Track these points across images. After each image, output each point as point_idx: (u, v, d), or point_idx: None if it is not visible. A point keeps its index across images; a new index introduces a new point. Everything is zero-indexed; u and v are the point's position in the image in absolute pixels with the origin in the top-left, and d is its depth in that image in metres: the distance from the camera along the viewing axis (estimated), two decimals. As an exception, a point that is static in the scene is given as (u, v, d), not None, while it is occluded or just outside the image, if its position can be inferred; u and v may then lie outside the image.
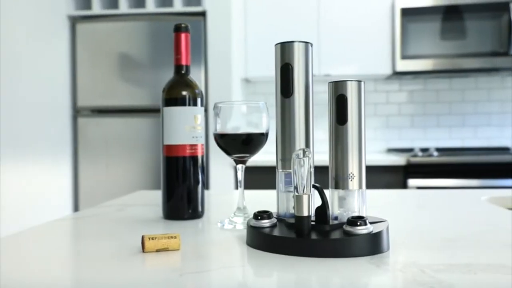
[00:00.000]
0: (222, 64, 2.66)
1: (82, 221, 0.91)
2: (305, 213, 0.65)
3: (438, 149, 2.97)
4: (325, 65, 2.92)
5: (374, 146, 3.22)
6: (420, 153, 2.74)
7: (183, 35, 0.94)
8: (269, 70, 3.10)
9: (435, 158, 2.67)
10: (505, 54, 2.78)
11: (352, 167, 0.69)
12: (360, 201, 0.70)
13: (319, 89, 3.29)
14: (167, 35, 2.66)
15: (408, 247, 0.67)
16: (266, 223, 0.69)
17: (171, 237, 0.67)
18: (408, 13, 2.82)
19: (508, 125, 3.18)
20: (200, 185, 0.93)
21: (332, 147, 0.71)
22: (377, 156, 2.88)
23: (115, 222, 0.90)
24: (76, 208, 2.75)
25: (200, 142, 0.93)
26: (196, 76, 2.65)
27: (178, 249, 0.67)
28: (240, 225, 0.83)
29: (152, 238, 0.66)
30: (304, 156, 0.65)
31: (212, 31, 2.66)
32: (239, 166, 0.86)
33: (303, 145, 0.73)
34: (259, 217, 0.70)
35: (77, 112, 2.75)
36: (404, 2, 2.82)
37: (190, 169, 0.92)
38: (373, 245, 0.63)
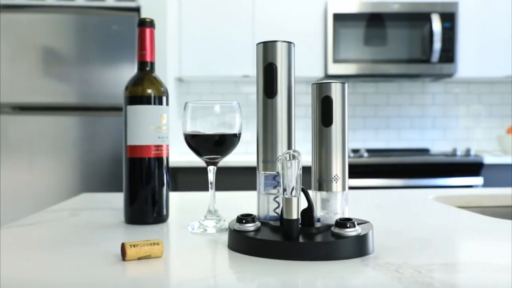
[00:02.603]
0: (156, 62, 2.58)
1: (36, 228, 0.84)
2: (294, 216, 0.64)
3: (366, 150, 3.09)
4: (259, 66, 2.94)
5: (307, 147, 3.28)
6: (352, 154, 2.84)
7: (148, 30, 0.90)
8: (203, 69, 3.07)
9: (366, 159, 2.77)
10: (427, 61, 2.95)
11: (336, 169, 0.69)
12: (343, 203, 0.70)
13: (254, 89, 3.30)
14: (97, 30, 2.54)
15: (389, 248, 0.68)
16: (250, 226, 0.67)
17: (154, 243, 0.63)
18: (339, 19, 2.91)
19: (428, 128, 3.38)
20: (165, 188, 0.89)
21: (316, 149, 0.70)
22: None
23: (75, 228, 0.84)
24: (-6, 212, 2.54)
25: (166, 142, 0.89)
26: (129, 74, 2.56)
27: (160, 257, 0.63)
28: (212, 228, 0.81)
29: (134, 245, 0.62)
30: (293, 158, 0.64)
31: (146, 28, 2.57)
32: (211, 167, 0.83)
33: (285, 147, 0.72)
34: (244, 221, 0.68)
35: (-4, 109, 2.55)
36: (336, 7, 2.91)
37: (155, 171, 0.88)
38: (362, 247, 0.64)
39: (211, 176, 0.84)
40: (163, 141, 0.88)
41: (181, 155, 2.68)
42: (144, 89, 0.87)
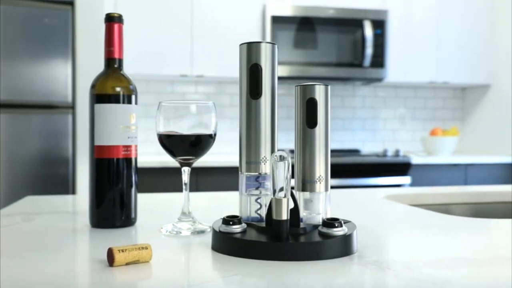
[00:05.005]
0: (91, 58, 2.48)
1: (-7, 234, 0.78)
2: (284, 217, 0.64)
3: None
4: (197, 66, 2.91)
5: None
6: (291, 155, 2.88)
7: (116, 26, 0.86)
8: (139, 67, 2.99)
9: (303, 159, 2.83)
10: (359, 66, 3.07)
11: (320, 170, 0.71)
12: (326, 203, 0.72)
13: (190, 89, 3.27)
14: (27, 22, 2.39)
15: (370, 246, 0.70)
16: (237, 228, 0.67)
17: (142, 248, 0.61)
18: (278, 21, 2.95)
19: (359, 129, 3.52)
20: (133, 190, 0.86)
21: (300, 150, 0.71)
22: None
23: (39, 233, 0.78)
24: None
25: (134, 143, 0.86)
26: (62, 70, 2.44)
27: (148, 261, 0.61)
28: (187, 231, 0.79)
29: (122, 250, 0.59)
30: (282, 159, 0.65)
31: (81, 23, 2.47)
32: (185, 168, 0.82)
33: (269, 148, 0.73)
34: (230, 222, 0.67)
35: None
36: (275, 10, 2.95)
37: (124, 172, 0.84)
38: (349, 246, 0.65)
39: (185, 177, 0.82)
40: (132, 141, 0.85)
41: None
42: (113, 87, 0.84)
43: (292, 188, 0.67)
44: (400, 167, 2.94)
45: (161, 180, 2.54)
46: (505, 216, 1.36)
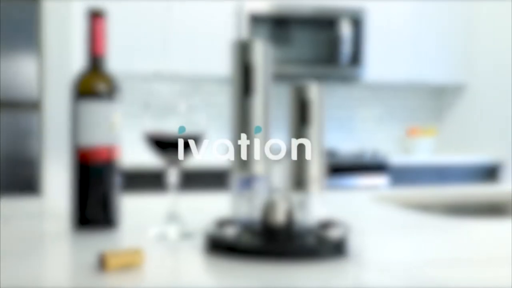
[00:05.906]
0: (60, 54, 2.40)
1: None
2: (280, 218, 0.63)
3: (279, 151, 3.14)
4: (174, 62, 2.87)
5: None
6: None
7: (99, 22, 0.83)
8: (112, 64, 2.91)
9: (281, 159, 2.82)
10: (336, 64, 3.08)
11: (314, 170, 0.69)
12: (320, 204, 0.70)
13: (163, 88, 3.22)
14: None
15: (367, 247, 0.69)
16: (231, 230, 0.65)
17: (134, 252, 0.58)
18: (254, 19, 2.93)
19: (335, 129, 3.53)
20: (118, 191, 0.83)
21: (294, 150, 0.70)
22: (218, 157, 2.93)
23: (20, 238, 0.74)
24: None
25: (119, 142, 0.83)
26: (28, 66, 2.34)
27: (140, 265, 0.59)
28: (175, 234, 0.76)
29: (115, 255, 0.57)
30: (279, 159, 0.63)
31: (49, 17, 2.37)
32: (173, 169, 0.79)
33: (262, 148, 0.71)
34: (224, 225, 0.65)
35: None
36: (252, 7, 2.93)
37: (108, 173, 0.81)
38: (345, 247, 0.64)
39: (173, 179, 0.79)
40: (117, 141, 0.82)
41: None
42: (96, 85, 0.80)
43: (287, 189, 0.65)
44: (377, 167, 2.96)
45: (137, 181, 2.49)
46: (490, 216, 1.38)
